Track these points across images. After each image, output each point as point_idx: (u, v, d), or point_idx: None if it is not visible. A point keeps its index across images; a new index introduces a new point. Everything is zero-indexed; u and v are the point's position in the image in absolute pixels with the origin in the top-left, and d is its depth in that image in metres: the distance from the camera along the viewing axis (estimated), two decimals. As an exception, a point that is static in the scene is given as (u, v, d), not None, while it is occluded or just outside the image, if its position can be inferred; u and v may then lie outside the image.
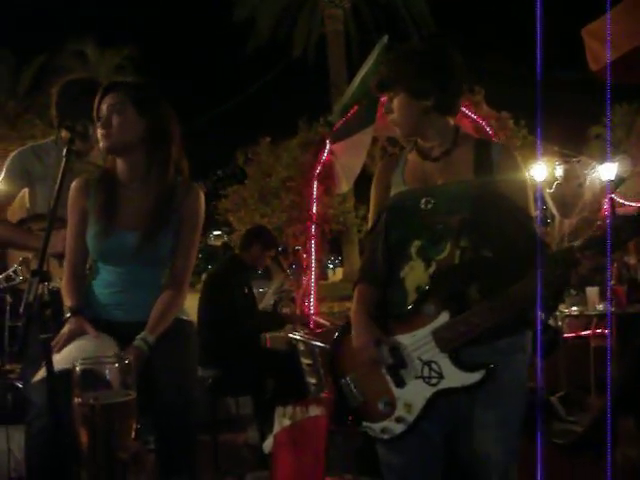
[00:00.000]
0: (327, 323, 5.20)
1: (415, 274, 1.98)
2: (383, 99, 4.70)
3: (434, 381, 1.92)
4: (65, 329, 2.20)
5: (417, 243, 1.99)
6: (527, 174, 2.09)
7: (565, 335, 5.67)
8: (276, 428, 1.05)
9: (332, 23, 19.30)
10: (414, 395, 1.95)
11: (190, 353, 2.39)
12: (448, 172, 2.02)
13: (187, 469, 2.23)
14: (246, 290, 4.52)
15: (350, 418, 2.05)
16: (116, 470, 1.12)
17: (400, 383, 1.96)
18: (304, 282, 5.95)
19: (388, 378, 1.98)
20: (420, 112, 2.01)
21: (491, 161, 1.99)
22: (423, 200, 1.99)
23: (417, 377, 1.94)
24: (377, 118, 4.80)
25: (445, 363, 1.91)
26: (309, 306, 5.76)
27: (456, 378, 1.90)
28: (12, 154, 2.96)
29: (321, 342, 3.74)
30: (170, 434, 2.20)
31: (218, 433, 4.10)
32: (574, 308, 5.72)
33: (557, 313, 5.48)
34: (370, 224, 2.18)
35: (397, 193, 2.07)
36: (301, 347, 4.07)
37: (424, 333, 1.94)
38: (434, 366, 1.92)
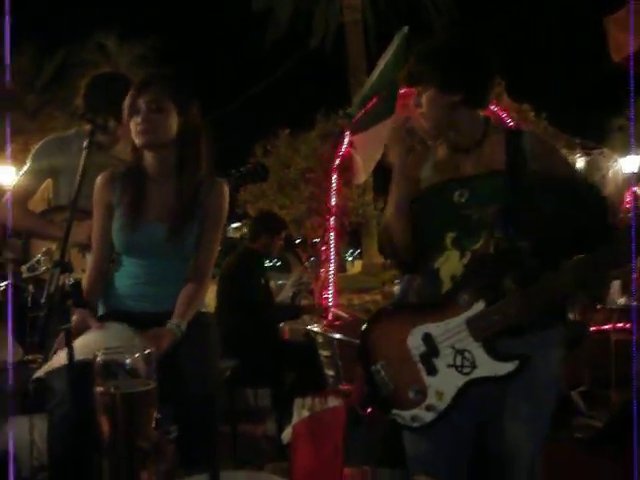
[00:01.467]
0: (346, 315, 5.20)
1: (450, 264, 1.98)
2: (403, 91, 4.66)
3: (466, 370, 1.92)
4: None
5: (452, 234, 1.98)
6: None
7: (586, 329, 5.61)
8: (295, 419, 1.06)
9: (350, 13, 19.18)
10: (446, 383, 1.94)
11: (212, 344, 2.40)
12: (480, 163, 2.00)
13: (208, 459, 2.25)
14: (262, 281, 4.53)
15: (370, 409, 2.05)
16: (137, 459, 1.13)
17: (432, 371, 1.96)
18: (322, 274, 5.95)
19: (420, 366, 1.97)
20: (449, 106, 1.98)
21: (523, 150, 1.97)
22: (457, 193, 1.99)
23: (449, 365, 1.94)
24: (396, 109, 4.78)
25: (478, 352, 1.91)
26: (328, 298, 5.77)
27: (489, 367, 1.90)
28: (37, 145, 2.98)
29: (340, 334, 3.74)
30: (192, 424, 2.22)
31: (237, 424, 4.13)
32: (595, 302, 5.66)
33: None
34: None
35: (429, 185, 2.06)
36: (319, 339, 4.07)
37: (458, 322, 1.93)
38: (467, 355, 1.92)
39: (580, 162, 8.21)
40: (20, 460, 2.89)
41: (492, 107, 5.90)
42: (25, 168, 2.93)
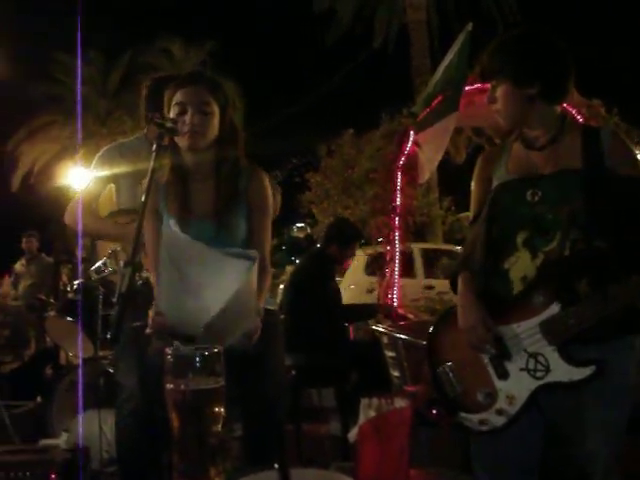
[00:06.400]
0: (411, 316, 5.16)
1: (521, 264, 1.93)
2: (468, 89, 4.59)
3: (540, 374, 1.86)
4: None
5: (524, 234, 1.93)
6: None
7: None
8: (361, 419, 1.05)
9: (414, 12, 19.01)
10: (517, 387, 1.89)
11: (279, 343, 2.42)
12: (555, 161, 1.94)
13: (276, 457, 2.26)
14: (333, 283, 4.54)
15: (435, 411, 2.02)
16: (205, 455, 1.15)
17: (503, 374, 1.91)
18: (387, 274, 5.91)
19: (490, 369, 1.93)
20: (525, 101, 1.93)
21: (601, 148, 1.90)
22: (529, 192, 1.93)
23: (521, 369, 1.89)
24: (461, 108, 4.71)
25: (553, 356, 1.85)
26: (392, 299, 5.72)
27: (564, 372, 1.84)
28: (98, 154, 3.09)
29: (405, 335, 3.71)
30: (260, 422, 2.24)
31: (301, 423, 4.15)
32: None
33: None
34: (472, 215, 2.12)
35: (501, 184, 2.01)
36: (385, 340, 4.05)
37: (531, 324, 1.88)
38: (540, 359, 1.86)
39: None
40: (90, 453, 2.97)
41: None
42: (90, 174, 3.06)
